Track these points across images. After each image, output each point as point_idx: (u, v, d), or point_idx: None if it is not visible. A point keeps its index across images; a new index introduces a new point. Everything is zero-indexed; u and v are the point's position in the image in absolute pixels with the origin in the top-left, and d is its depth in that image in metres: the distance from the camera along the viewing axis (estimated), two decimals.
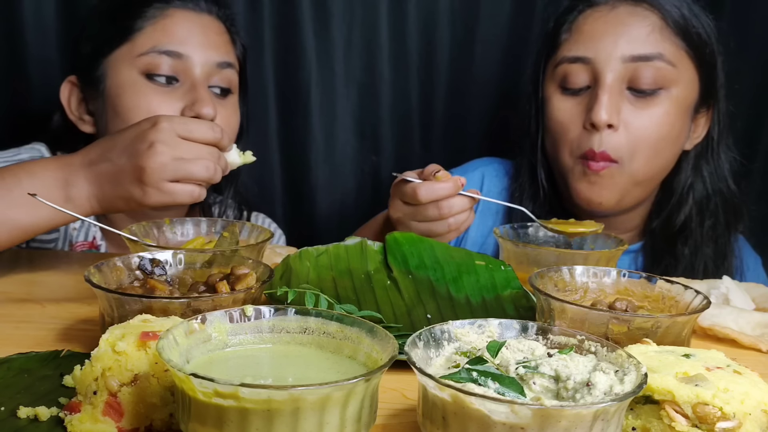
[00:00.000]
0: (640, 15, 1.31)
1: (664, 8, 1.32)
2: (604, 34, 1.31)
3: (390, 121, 1.84)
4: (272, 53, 1.78)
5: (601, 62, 1.30)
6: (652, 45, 1.30)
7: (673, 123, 1.32)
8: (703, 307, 0.81)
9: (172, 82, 1.29)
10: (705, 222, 1.39)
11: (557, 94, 1.37)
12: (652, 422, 0.62)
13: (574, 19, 1.36)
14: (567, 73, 1.34)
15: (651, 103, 1.31)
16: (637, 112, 1.30)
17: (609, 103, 1.28)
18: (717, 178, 1.40)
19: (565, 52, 1.35)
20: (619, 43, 1.30)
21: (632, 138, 1.30)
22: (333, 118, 1.83)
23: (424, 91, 1.84)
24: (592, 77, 1.32)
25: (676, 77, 1.31)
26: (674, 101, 1.32)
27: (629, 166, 1.31)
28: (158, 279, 0.84)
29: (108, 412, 0.62)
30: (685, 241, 1.39)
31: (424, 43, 1.81)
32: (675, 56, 1.31)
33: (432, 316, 0.91)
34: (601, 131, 1.29)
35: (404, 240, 1.06)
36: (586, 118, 1.31)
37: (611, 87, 1.29)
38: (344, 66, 1.80)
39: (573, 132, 1.34)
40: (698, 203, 1.39)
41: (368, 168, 1.87)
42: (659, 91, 1.31)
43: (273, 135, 1.83)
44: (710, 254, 1.39)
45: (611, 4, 1.34)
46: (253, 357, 0.64)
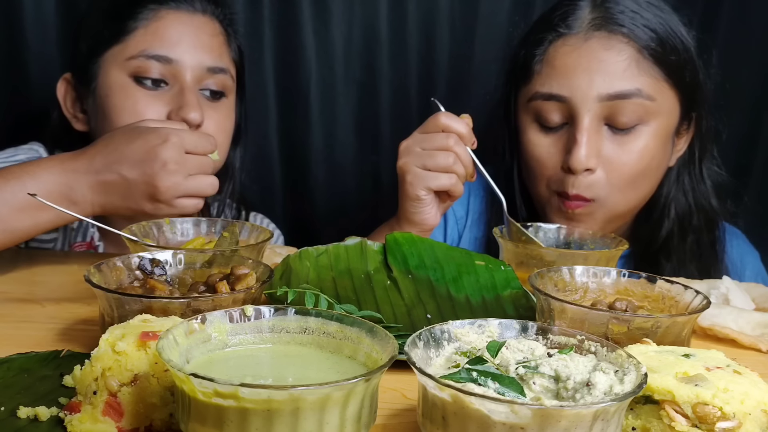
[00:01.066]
0: (615, 48, 1.24)
1: (639, 38, 1.24)
2: (578, 70, 1.25)
3: (390, 120, 1.84)
4: (272, 53, 1.78)
5: (577, 102, 1.24)
6: (630, 81, 1.23)
7: (654, 155, 1.28)
8: (703, 307, 0.81)
9: (160, 85, 1.29)
10: (687, 238, 1.36)
11: (534, 129, 1.32)
12: (652, 422, 0.62)
13: (545, 51, 1.29)
14: (541, 109, 1.29)
15: (631, 138, 1.26)
16: (617, 149, 1.26)
17: (588, 147, 1.23)
18: (699, 193, 1.37)
19: (539, 87, 1.29)
20: (595, 80, 1.23)
21: (611, 176, 1.27)
22: (333, 118, 1.83)
23: (423, 91, 1.84)
24: (569, 115, 1.27)
25: (656, 111, 1.26)
26: (654, 134, 1.27)
27: (606, 202, 1.28)
28: (158, 279, 0.84)
29: (108, 412, 0.62)
30: (668, 257, 1.36)
31: (424, 43, 1.81)
32: (654, 88, 1.25)
33: (432, 316, 0.91)
34: (578, 174, 1.26)
35: (404, 240, 1.06)
36: (564, 160, 1.27)
37: (589, 128, 1.24)
38: (344, 65, 1.80)
39: (551, 170, 1.30)
40: (680, 218, 1.36)
41: (368, 168, 1.87)
42: (638, 126, 1.26)
43: (273, 135, 1.83)
44: (694, 272, 1.34)
45: (583, 35, 1.26)
46: (253, 357, 0.64)
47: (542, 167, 1.31)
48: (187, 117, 1.26)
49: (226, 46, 1.39)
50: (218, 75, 1.34)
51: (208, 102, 1.33)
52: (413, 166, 1.17)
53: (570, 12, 1.29)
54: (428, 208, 1.20)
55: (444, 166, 1.15)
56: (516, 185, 1.40)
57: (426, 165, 1.16)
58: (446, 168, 1.16)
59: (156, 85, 1.28)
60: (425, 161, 1.16)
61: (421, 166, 1.16)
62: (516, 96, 1.35)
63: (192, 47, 1.30)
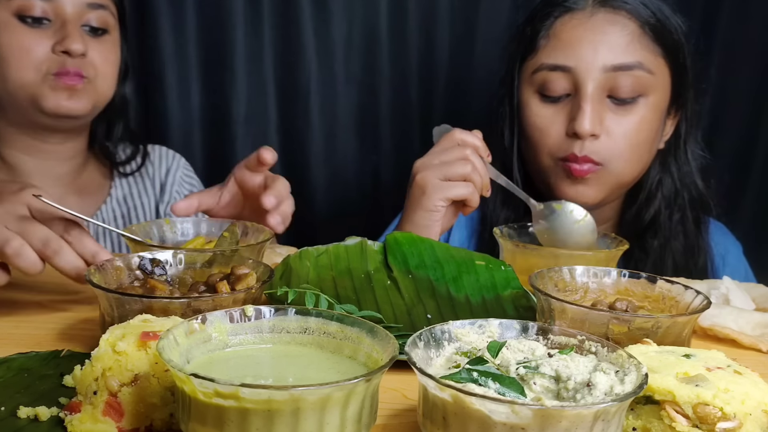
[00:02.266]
0: (619, 23, 1.31)
1: (641, 15, 1.32)
2: (584, 42, 1.31)
3: (390, 120, 1.84)
4: (272, 53, 1.78)
5: (582, 71, 1.30)
6: (632, 54, 1.30)
7: (651, 127, 1.34)
8: (704, 307, 0.81)
9: (43, 22, 1.34)
10: (673, 216, 1.41)
11: (535, 100, 1.36)
12: (653, 422, 0.62)
13: (552, 25, 1.35)
14: (546, 80, 1.34)
15: (630, 110, 1.32)
16: (618, 120, 1.31)
17: (592, 113, 1.29)
18: (685, 174, 1.43)
19: (544, 59, 1.34)
20: (599, 51, 1.30)
21: (614, 144, 1.32)
22: (333, 118, 1.83)
23: (424, 90, 1.84)
24: (573, 86, 1.32)
25: (654, 84, 1.32)
26: (651, 107, 1.33)
27: (613, 168, 1.33)
28: (158, 279, 0.84)
29: (108, 412, 0.62)
30: (654, 234, 1.41)
31: (423, 42, 1.81)
32: (653, 64, 1.32)
33: (432, 316, 0.91)
34: (584, 139, 1.30)
35: (404, 240, 1.06)
36: (568, 127, 1.32)
37: (593, 96, 1.30)
38: (344, 65, 1.80)
39: (553, 138, 1.34)
40: (667, 198, 1.42)
41: (368, 168, 1.87)
42: (638, 98, 1.31)
43: (273, 135, 1.83)
44: (679, 248, 1.41)
45: (589, 11, 1.33)
46: (253, 357, 0.64)
47: (545, 136, 1.35)
48: (70, 48, 1.32)
49: None
50: (98, 11, 1.38)
51: (90, 37, 1.38)
52: (433, 178, 1.19)
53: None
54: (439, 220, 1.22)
55: (462, 175, 1.18)
56: (515, 163, 1.43)
57: (445, 175, 1.19)
58: (464, 176, 1.18)
59: (38, 22, 1.33)
60: (444, 172, 1.19)
61: (441, 178, 1.19)
62: (520, 71, 1.40)
63: None
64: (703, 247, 1.44)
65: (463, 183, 1.19)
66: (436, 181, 1.19)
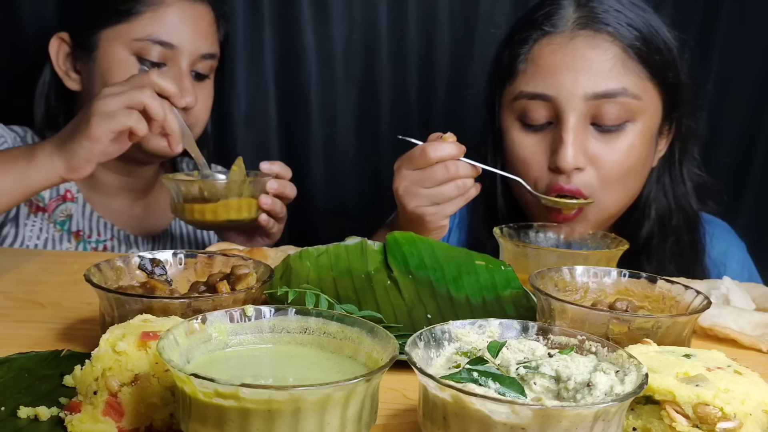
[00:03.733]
0: (600, 48, 1.24)
1: (624, 36, 1.24)
2: (563, 69, 1.24)
3: (390, 120, 1.84)
4: (272, 53, 1.78)
5: (562, 101, 1.23)
6: (615, 80, 1.23)
7: (640, 153, 1.28)
8: (704, 307, 0.81)
9: (160, 66, 1.39)
10: (668, 239, 1.35)
11: (516, 128, 1.30)
12: (653, 422, 0.62)
13: (530, 50, 1.28)
14: (526, 108, 1.27)
15: (617, 137, 1.25)
16: (604, 147, 1.25)
17: (574, 146, 1.23)
18: (680, 195, 1.36)
19: (523, 86, 1.28)
20: (580, 79, 1.23)
21: (601, 174, 1.26)
22: (333, 118, 1.83)
23: (423, 91, 1.84)
24: (554, 114, 1.26)
25: (641, 109, 1.26)
26: (640, 132, 1.27)
27: (599, 201, 1.28)
28: (158, 279, 0.84)
29: (108, 412, 0.62)
30: (648, 257, 1.35)
31: (423, 43, 1.81)
32: (639, 87, 1.25)
33: (432, 316, 0.91)
34: (568, 174, 1.25)
35: (404, 240, 1.06)
36: (551, 160, 1.26)
37: (575, 127, 1.23)
38: (344, 65, 1.80)
39: (536, 171, 1.28)
40: (660, 218, 1.35)
41: (368, 168, 1.87)
42: (625, 125, 1.25)
43: (273, 135, 1.83)
44: (674, 271, 1.33)
45: (569, 34, 1.26)
46: (253, 357, 0.64)
47: (527, 168, 1.30)
48: (184, 103, 1.36)
49: (217, 32, 1.49)
50: (208, 60, 1.46)
51: (195, 83, 1.44)
52: (425, 207, 1.17)
53: (554, 11, 1.29)
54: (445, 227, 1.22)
55: (454, 196, 1.16)
56: (498, 188, 1.38)
57: (437, 201, 1.16)
58: (457, 196, 1.16)
59: (155, 66, 1.38)
60: (435, 199, 1.16)
61: (433, 204, 1.17)
62: (500, 96, 1.34)
63: (192, 35, 1.41)
64: (701, 270, 1.38)
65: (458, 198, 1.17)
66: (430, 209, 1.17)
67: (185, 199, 1.24)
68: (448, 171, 1.14)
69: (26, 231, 1.43)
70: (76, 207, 1.47)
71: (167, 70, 1.39)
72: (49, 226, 1.45)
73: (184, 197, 1.25)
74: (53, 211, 1.45)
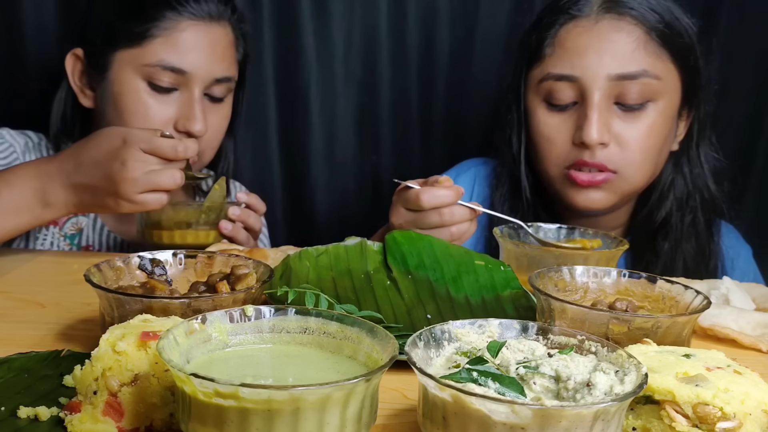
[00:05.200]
0: (624, 30, 1.30)
1: (647, 20, 1.30)
2: (589, 51, 1.30)
3: (390, 120, 1.84)
4: (272, 53, 1.78)
5: (587, 81, 1.29)
6: (638, 62, 1.29)
7: (661, 132, 1.34)
8: (704, 307, 0.81)
9: (171, 91, 1.36)
10: (685, 218, 1.40)
11: (542, 109, 1.36)
12: (653, 422, 0.62)
13: (557, 33, 1.34)
14: (553, 89, 1.33)
15: (639, 116, 1.31)
16: (627, 126, 1.31)
17: (599, 122, 1.28)
18: (697, 176, 1.41)
19: (550, 68, 1.33)
20: (605, 60, 1.29)
21: (624, 151, 1.31)
22: (333, 118, 1.83)
23: (423, 91, 1.84)
24: (579, 94, 1.31)
25: (662, 89, 1.31)
26: (661, 112, 1.32)
27: (626, 176, 1.32)
28: (158, 279, 0.84)
29: (108, 412, 0.62)
30: (665, 236, 1.40)
31: (423, 43, 1.81)
32: (660, 69, 1.31)
33: (432, 316, 0.91)
34: (592, 148, 1.30)
35: (403, 240, 1.06)
36: (576, 136, 1.31)
37: (600, 105, 1.29)
38: (344, 65, 1.80)
39: (561, 147, 1.34)
40: (678, 200, 1.41)
41: (368, 168, 1.87)
42: (647, 104, 1.31)
43: (273, 135, 1.83)
44: (690, 251, 1.40)
45: (594, 18, 1.32)
46: (253, 357, 0.64)
47: (552, 145, 1.35)
48: (193, 129, 1.36)
49: (234, 52, 1.45)
50: (224, 83, 1.42)
51: (208, 104, 1.41)
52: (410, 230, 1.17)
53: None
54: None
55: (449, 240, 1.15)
56: (522, 169, 1.42)
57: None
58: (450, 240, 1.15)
59: (167, 91, 1.35)
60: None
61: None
62: (526, 79, 1.39)
63: (206, 60, 1.37)
64: (715, 250, 1.43)
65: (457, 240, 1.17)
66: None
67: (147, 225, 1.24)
68: (442, 218, 1.14)
69: (36, 244, 1.42)
70: (87, 221, 1.45)
71: (177, 95, 1.36)
72: (59, 239, 1.44)
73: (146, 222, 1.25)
74: (63, 224, 1.44)
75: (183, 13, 1.35)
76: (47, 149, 1.48)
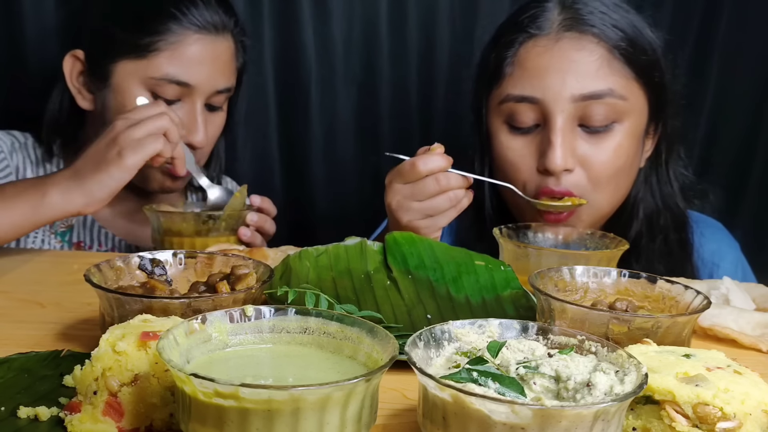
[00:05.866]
0: (586, 49, 1.24)
1: (610, 38, 1.25)
2: (551, 71, 1.24)
3: (390, 120, 1.84)
4: (272, 52, 1.78)
5: (549, 103, 1.23)
6: (602, 80, 1.24)
7: (628, 153, 1.28)
8: (704, 307, 0.81)
9: (173, 102, 1.37)
10: (656, 238, 1.36)
11: (504, 132, 1.30)
12: (653, 422, 0.62)
13: (516, 52, 1.28)
14: (514, 111, 1.27)
15: (605, 137, 1.26)
16: (592, 149, 1.26)
17: (563, 147, 1.23)
18: (667, 195, 1.37)
19: (510, 89, 1.27)
20: (567, 80, 1.23)
21: (590, 174, 1.27)
22: (333, 117, 1.83)
23: (423, 90, 1.84)
24: (541, 116, 1.25)
25: (628, 110, 1.26)
26: (627, 132, 1.27)
27: (592, 202, 1.28)
28: (158, 279, 0.84)
29: (108, 412, 0.62)
30: (637, 258, 1.34)
31: (423, 42, 1.81)
32: (625, 88, 1.26)
33: (432, 316, 0.91)
34: (557, 176, 1.25)
35: (404, 240, 1.06)
36: (539, 162, 1.26)
37: (563, 129, 1.23)
38: (344, 64, 1.80)
39: (525, 174, 1.28)
40: (648, 218, 1.36)
41: (368, 168, 1.87)
42: (612, 125, 1.26)
43: (273, 134, 1.83)
44: (663, 271, 1.32)
45: (554, 36, 1.26)
46: (253, 357, 0.64)
47: (516, 171, 1.29)
48: (194, 141, 1.38)
49: (235, 62, 1.46)
50: (223, 94, 1.43)
51: (207, 113, 1.42)
52: (419, 221, 1.17)
53: (539, 13, 1.29)
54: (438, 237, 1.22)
55: (447, 208, 1.16)
56: (486, 192, 1.38)
57: (430, 214, 1.17)
58: (449, 208, 1.16)
59: (169, 103, 1.35)
60: (428, 212, 1.16)
61: (426, 217, 1.17)
62: (487, 100, 1.34)
63: (209, 73, 1.39)
64: (690, 269, 1.38)
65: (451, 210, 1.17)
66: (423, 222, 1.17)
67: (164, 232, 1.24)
68: (439, 183, 1.14)
69: (28, 242, 1.42)
70: (77, 218, 1.46)
71: (179, 105, 1.38)
72: (50, 236, 1.44)
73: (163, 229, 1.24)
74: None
75: (187, 25, 1.35)
76: (34, 149, 1.48)
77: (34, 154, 1.48)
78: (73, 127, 1.46)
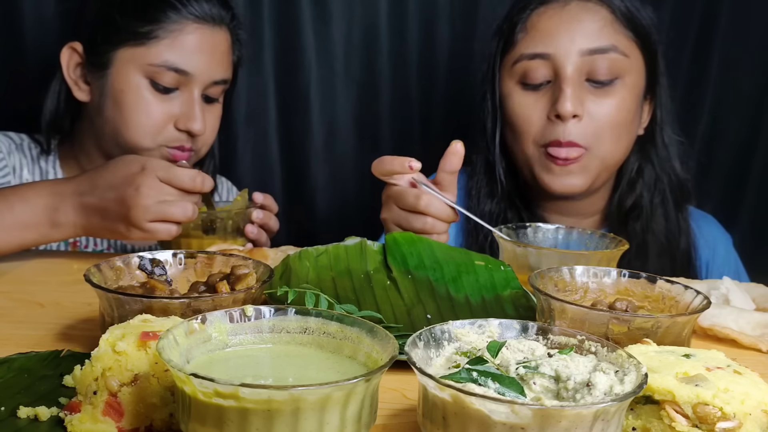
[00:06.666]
0: (592, 10, 1.38)
1: (613, 3, 1.38)
2: (560, 30, 1.37)
3: (390, 120, 1.84)
4: (272, 52, 1.78)
5: (560, 57, 1.36)
6: (606, 38, 1.37)
7: (630, 108, 1.40)
8: (704, 307, 0.81)
9: (171, 90, 1.39)
10: (654, 199, 1.46)
11: (517, 90, 1.41)
12: (653, 422, 0.62)
13: (528, 18, 1.41)
14: (527, 69, 1.39)
15: (609, 92, 1.37)
16: (598, 101, 1.37)
17: (573, 95, 1.34)
18: (663, 160, 1.47)
19: (523, 50, 1.40)
20: (576, 38, 1.36)
21: (596, 125, 1.37)
22: (333, 118, 1.83)
23: (423, 91, 1.84)
24: (553, 72, 1.37)
25: (629, 66, 1.38)
26: (629, 89, 1.39)
27: (597, 151, 1.38)
28: (158, 279, 0.84)
29: (108, 412, 0.62)
30: (636, 217, 1.46)
31: (423, 42, 1.81)
32: (627, 47, 1.38)
33: (432, 316, 0.91)
34: (567, 122, 1.35)
35: (403, 240, 1.06)
36: (550, 110, 1.37)
37: (573, 80, 1.35)
38: (344, 65, 1.81)
39: (536, 125, 1.39)
40: (648, 184, 1.47)
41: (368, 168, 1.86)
42: (615, 81, 1.38)
43: (273, 135, 1.83)
44: (661, 230, 1.46)
45: (563, 2, 1.39)
46: (253, 357, 0.64)
47: (528, 123, 1.40)
48: (193, 129, 1.40)
49: (231, 56, 1.48)
50: (220, 85, 1.45)
51: (204, 105, 1.44)
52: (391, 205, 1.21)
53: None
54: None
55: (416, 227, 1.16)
56: (496, 153, 1.47)
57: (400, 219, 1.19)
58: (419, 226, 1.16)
59: (167, 90, 1.38)
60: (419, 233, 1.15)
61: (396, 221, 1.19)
62: (501, 66, 1.45)
63: (207, 62, 1.41)
64: (685, 229, 1.48)
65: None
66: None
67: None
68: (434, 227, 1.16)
69: None
70: None
71: (177, 94, 1.39)
72: None
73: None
74: None
75: (186, 15, 1.38)
76: (30, 149, 1.49)
77: (30, 154, 1.49)
78: (70, 120, 1.47)
